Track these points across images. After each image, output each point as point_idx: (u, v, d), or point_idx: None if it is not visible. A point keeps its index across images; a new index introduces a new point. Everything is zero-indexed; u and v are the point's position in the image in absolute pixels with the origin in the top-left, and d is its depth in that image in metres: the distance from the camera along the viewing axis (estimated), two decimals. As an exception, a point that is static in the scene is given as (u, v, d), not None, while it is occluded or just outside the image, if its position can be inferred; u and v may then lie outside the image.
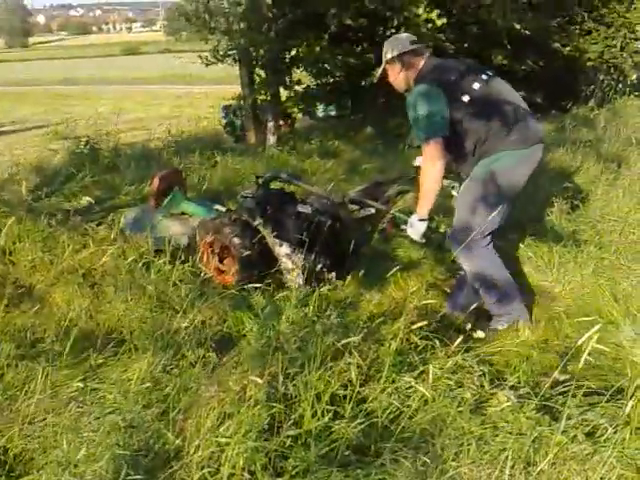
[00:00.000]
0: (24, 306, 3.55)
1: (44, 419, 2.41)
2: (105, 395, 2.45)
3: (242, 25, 7.76)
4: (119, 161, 6.55)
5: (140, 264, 3.56)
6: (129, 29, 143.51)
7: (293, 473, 2.03)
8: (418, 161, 3.71)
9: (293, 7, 7.95)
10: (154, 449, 2.06)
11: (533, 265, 3.94)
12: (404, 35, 3.49)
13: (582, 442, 1.98)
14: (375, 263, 3.95)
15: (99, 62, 46.18)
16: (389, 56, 3.33)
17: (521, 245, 4.08)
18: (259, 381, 2.11)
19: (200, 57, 8.25)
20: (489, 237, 3.25)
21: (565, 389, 2.35)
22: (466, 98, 3.11)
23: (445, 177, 3.35)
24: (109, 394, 2.45)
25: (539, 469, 1.90)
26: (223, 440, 1.99)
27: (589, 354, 2.01)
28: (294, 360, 2.35)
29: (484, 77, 3.20)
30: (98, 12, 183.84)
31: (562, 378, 2.28)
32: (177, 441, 2.07)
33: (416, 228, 3.24)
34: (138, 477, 1.87)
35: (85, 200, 3.78)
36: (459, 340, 2.28)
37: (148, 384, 2.38)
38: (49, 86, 29.04)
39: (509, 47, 7.68)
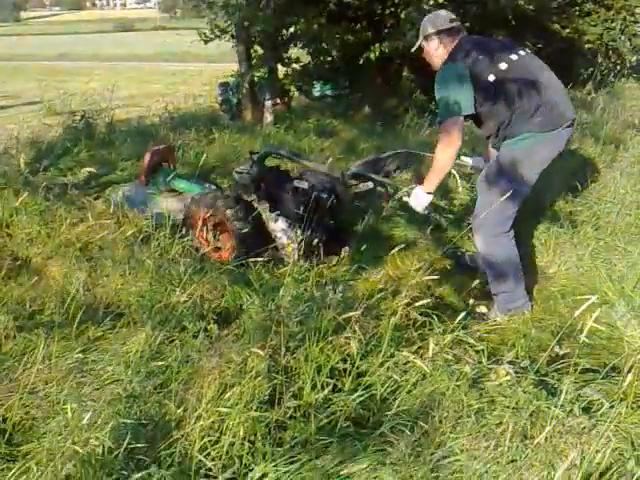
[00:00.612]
0: (21, 278, 3.55)
1: (43, 389, 2.42)
2: (105, 366, 2.46)
3: (240, 0, 7.66)
4: (114, 136, 6.50)
5: (139, 239, 3.54)
6: (123, 5, 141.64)
7: (292, 444, 2.05)
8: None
9: (292, -17, 7.87)
10: (155, 419, 2.08)
11: (529, 245, 3.95)
12: (443, 12, 3.50)
13: (579, 416, 2.00)
14: (371, 241, 3.95)
15: (92, 38, 45.60)
16: (428, 32, 3.35)
17: (518, 224, 4.10)
18: (261, 353, 2.13)
19: (198, 33, 8.15)
20: (509, 222, 3.26)
21: (561, 366, 2.38)
22: (492, 78, 3.12)
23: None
24: (109, 365, 2.47)
25: (536, 442, 1.92)
26: (224, 410, 2.01)
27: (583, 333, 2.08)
28: (295, 333, 2.36)
29: (513, 57, 3.19)
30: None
31: (561, 353, 2.30)
32: (178, 411, 2.09)
33: (420, 200, 3.28)
34: (140, 445, 1.89)
35: (85, 171, 3.75)
36: (460, 317, 2.29)
37: (148, 355, 2.38)
38: (41, 62, 28.72)
39: (511, 25, 7.60)
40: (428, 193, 3.24)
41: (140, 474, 1.78)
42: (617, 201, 4.29)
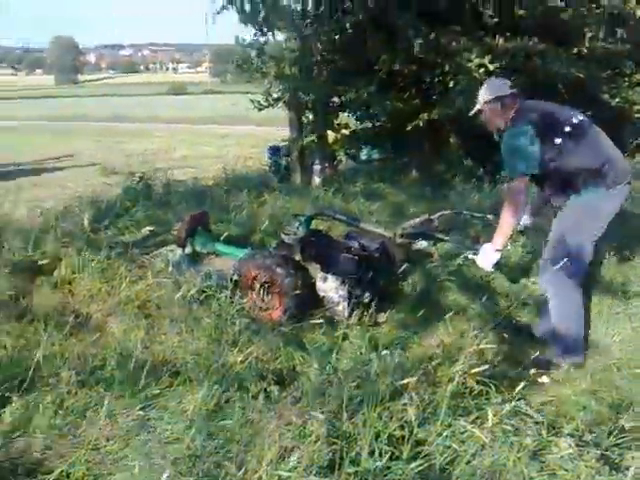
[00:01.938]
0: (82, 335, 3.66)
1: (105, 446, 2.48)
2: (165, 425, 2.51)
3: (293, 70, 7.99)
4: (171, 197, 6.73)
5: (197, 298, 3.64)
6: (175, 69, 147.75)
7: (352, 511, 2.05)
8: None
9: (343, 53, 8.18)
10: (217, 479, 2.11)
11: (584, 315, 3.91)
12: (501, 79, 3.86)
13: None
14: (423, 304, 3.98)
15: (146, 100, 47.54)
16: (491, 97, 3.64)
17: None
18: (320, 417, 2.15)
19: (252, 101, 8.49)
20: (577, 271, 3.51)
21: (623, 440, 2.35)
22: (558, 140, 3.40)
23: None
24: (168, 424, 2.51)
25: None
26: (284, 474, 2.03)
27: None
28: (353, 398, 2.38)
29: (574, 120, 3.47)
30: (146, 52, 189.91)
31: (627, 426, 2.26)
32: (239, 474, 2.11)
33: (489, 257, 3.44)
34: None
35: (146, 230, 3.93)
36: (520, 387, 2.29)
37: (206, 414, 2.43)
38: (98, 122, 30.06)
39: (561, 94, 7.70)
40: (497, 250, 3.41)
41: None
42: (673, 273, 4.24)
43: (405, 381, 2.36)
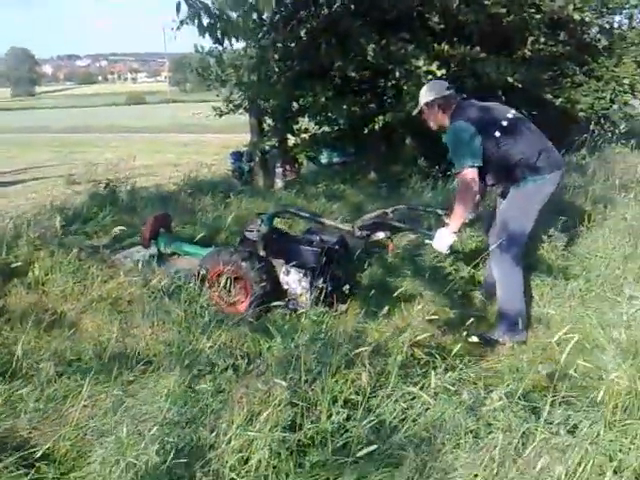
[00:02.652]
0: (57, 332, 3.86)
1: (86, 424, 2.71)
2: (142, 403, 2.74)
3: (252, 77, 8.25)
4: (136, 203, 6.93)
5: (166, 293, 3.87)
6: (134, 79, 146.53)
7: (312, 465, 2.32)
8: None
9: (300, 60, 8.47)
10: (191, 443, 2.36)
11: (527, 295, 4.26)
12: (440, 81, 4.28)
13: (563, 435, 2.27)
14: (378, 292, 4.26)
15: (105, 111, 47.21)
16: (429, 99, 3.97)
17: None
18: (283, 384, 2.42)
19: (213, 108, 8.73)
20: (518, 249, 3.89)
21: (553, 399, 2.66)
22: (497, 133, 3.78)
23: None
24: (145, 403, 2.74)
25: (525, 457, 2.19)
26: (252, 434, 2.29)
27: (573, 381, 2.46)
28: (312, 367, 2.66)
29: (509, 115, 3.87)
30: (104, 62, 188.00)
31: (545, 371, 2.58)
32: (211, 436, 2.37)
33: (444, 240, 3.77)
34: (180, 461, 2.17)
35: (117, 230, 4.15)
36: (457, 348, 2.60)
37: (181, 390, 2.68)
38: (56, 134, 29.80)
39: (503, 98, 8.12)
40: (452, 233, 3.76)
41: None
42: (606, 255, 4.63)
43: (358, 350, 2.65)
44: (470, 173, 3.75)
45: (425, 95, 4.01)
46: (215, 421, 2.43)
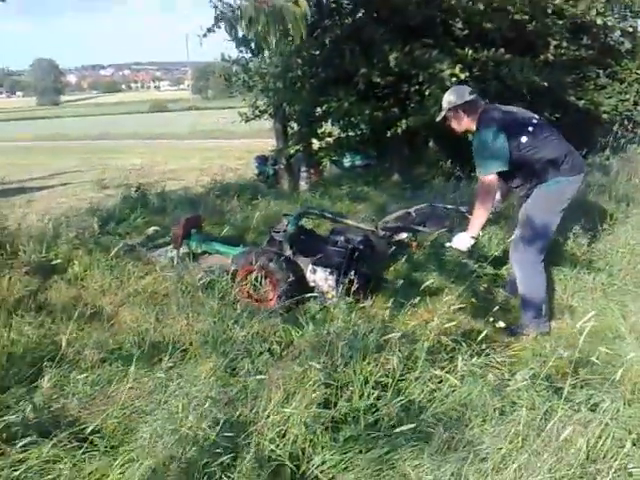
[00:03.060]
0: (96, 324, 4.05)
1: (132, 404, 2.88)
2: (184, 384, 2.90)
3: (278, 84, 8.46)
4: (166, 205, 7.14)
5: (200, 287, 4.05)
6: (157, 87, 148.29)
7: (345, 439, 2.47)
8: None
9: (324, 67, 8.66)
10: (232, 419, 2.52)
11: (552, 288, 4.38)
12: (462, 86, 4.34)
13: (584, 412, 2.39)
14: (404, 288, 4.39)
15: (129, 118, 47.91)
16: (452, 104, 4.08)
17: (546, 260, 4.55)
18: (317, 366, 2.57)
19: (239, 114, 8.96)
20: (541, 246, 3.98)
21: (576, 382, 2.78)
22: (524, 139, 3.88)
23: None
24: (187, 383, 2.90)
25: (547, 431, 2.32)
26: (289, 411, 2.44)
27: (595, 368, 2.59)
28: (344, 352, 2.81)
29: (534, 120, 3.99)
30: (127, 71, 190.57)
31: (566, 354, 2.70)
32: (250, 413, 2.53)
33: (464, 241, 3.97)
34: (228, 434, 2.33)
35: (152, 229, 4.34)
36: (482, 335, 2.73)
37: (222, 374, 2.84)
38: (83, 141, 30.39)
39: (528, 99, 8.22)
40: (472, 237, 3.94)
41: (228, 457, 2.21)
42: (628, 251, 4.73)
43: (388, 336, 2.79)
44: (489, 179, 3.89)
45: (448, 101, 4.11)
46: (254, 400, 2.58)
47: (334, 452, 2.37)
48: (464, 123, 4.13)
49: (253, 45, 7.57)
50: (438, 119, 4.26)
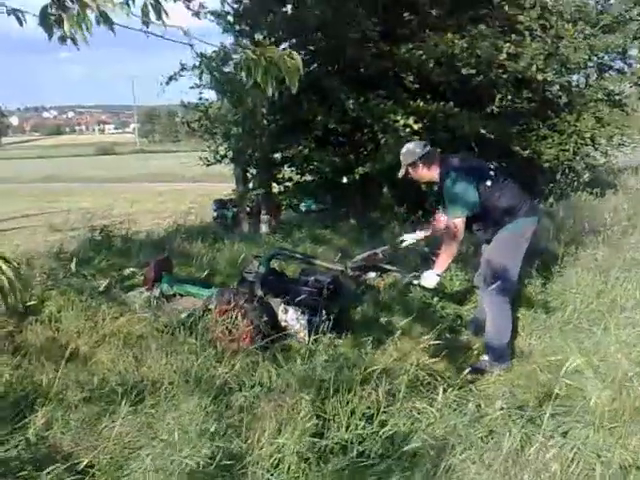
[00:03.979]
0: (73, 365, 4.07)
1: (123, 440, 2.94)
2: (171, 420, 2.98)
3: (238, 129, 8.70)
4: (129, 247, 7.18)
5: (179, 327, 4.14)
6: (102, 131, 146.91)
7: (336, 469, 2.60)
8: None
9: (283, 115, 8.96)
10: (226, 450, 2.62)
11: (512, 327, 4.61)
12: (416, 141, 4.65)
13: (557, 438, 2.60)
14: (371, 327, 4.59)
15: (75, 161, 47.32)
16: (411, 160, 4.32)
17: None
18: (307, 397, 2.71)
19: (200, 158, 9.14)
20: (510, 287, 4.27)
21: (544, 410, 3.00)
22: (489, 183, 4.17)
23: None
24: (173, 420, 2.99)
25: (525, 458, 2.51)
26: (282, 441, 2.57)
27: (559, 399, 2.83)
28: (330, 385, 2.96)
29: (492, 167, 4.31)
30: (71, 114, 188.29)
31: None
32: (245, 445, 2.64)
33: (431, 279, 4.19)
34: (228, 462, 2.44)
35: (128, 271, 4.43)
36: (464, 374, 2.93)
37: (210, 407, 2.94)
38: (29, 184, 29.82)
39: (476, 149, 8.70)
40: (439, 275, 4.19)
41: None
42: (579, 291, 5.05)
43: (372, 369, 2.96)
44: (458, 222, 4.14)
45: (406, 157, 4.35)
46: (248, 431, 2.69)
47: (326, 481, 2.50)
48: (425, 174, 4.38)
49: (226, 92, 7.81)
50: (400, 175, 4.49)
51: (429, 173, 4.36)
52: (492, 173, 4.23)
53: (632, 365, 3.48)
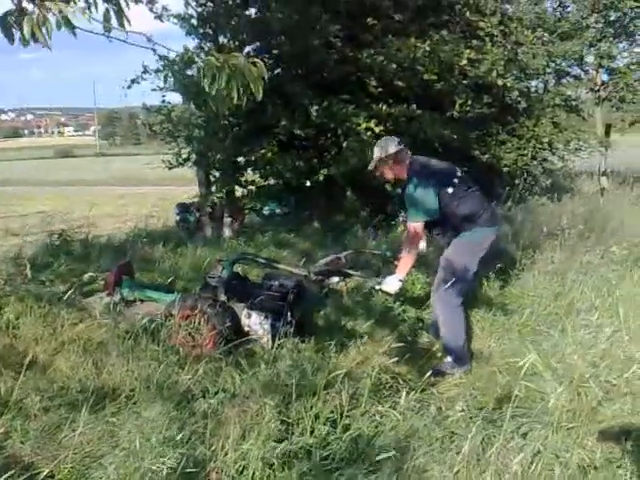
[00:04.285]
0: (32, 373, 3.99)
1: (83, 449, 2.90)
2: (132, 428, 2.95)
3: (202, 133, 8.65)
4: (89, 252, 7.08)
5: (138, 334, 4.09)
6: (61, 133, 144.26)
7: (301, 473, 2.60)
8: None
9: (246, 118, 8.93)
10: (191, 458, 2.60)
11: (470, 330, 4.70)
12: (391, 137, 4.55)
13: (517, 439, 2.66)
14: (334, 332, 4.60)
15: (34, 164, 46.35)
16: (383, 154, 4.33)
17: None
18: (271, 402, 2.72)
19: (163, 161, 9.05)
20: (461, 291, 4.25)
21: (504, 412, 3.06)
22: (450, 190, 4.18)
23: None
24: (135, 427, 2.95)
25: (486, 459, 2.56)
26: (246, 447, 2.57)
27: (518, 401, 2.88)
28: (294, 389, 2.96)
29: (458, 174, 4.30)
30: (30, 116, 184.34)
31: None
32: (208, 452, 2.62)
33: (393, 285, 4.20)
34: (193, 470, 2.42)
35: (87, 276, 4.36)
36: (426, 377, 2.97)
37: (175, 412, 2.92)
38: (-15, 188, 29.08)
39: (439, 153, 8.81)
40: (400, 280, 4.21)
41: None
42: (537, 294, 5.15)
43: (335, 373, 2.98)
44: (417, 226, 4.20)
45: (379, 151, 4.38)
46: (212, 437, 2.68)
47: (291, 487, 2.51)
48: (394, 172, 4.40)
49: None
50: (369, 168, 4.52)
51: (396, 172, 4.39)
52: (455, 180, 4.24)
53: (588, 367, 3.56)
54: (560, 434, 2.76)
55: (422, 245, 4.72)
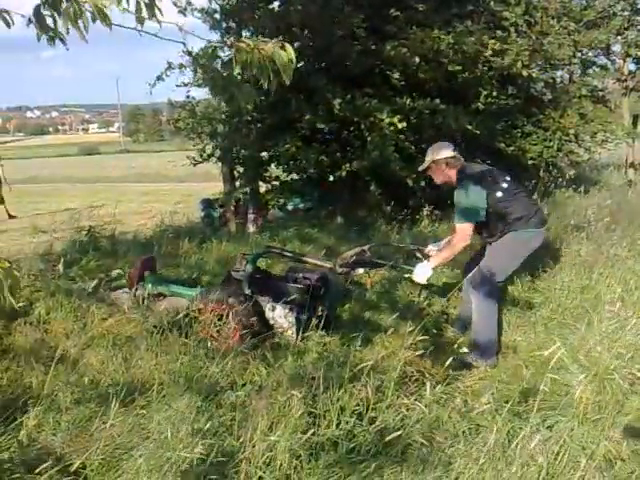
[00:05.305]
0: (62, 367, 4.08)
1: (114, 441, 2.96)
2: (162, 419, 3.00)
3: (225, 128, 8.71)
4: (117, 247, 7.19)
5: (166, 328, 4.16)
6: (85, 130, 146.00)
7: (327, 464, 2.64)
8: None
9: (270, 113, 8.97)
10: (219, 449, 2.65)
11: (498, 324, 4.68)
12: (446, 142, 4.69)
13: (543, 431, 2.66)
14: (360, 325, 4.63)
15: (59, 161, 46.95)
16: (437, 157, 4.48)
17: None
18: (299, 395, 2.75)
19: (187, 157, 9.13)
20: (499, 286, 4.45)
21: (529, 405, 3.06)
22: (499, 194, 4.31)
23: None
24: (165, 420, 3.01)
25: (512, 452, 2.56)
26: (274, 439, 2.60)
27: (544, 394, 2.87)
28: (321, 382, 3.00)
29: (507, 178, 4.42)
30: (55, 114, 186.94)
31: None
32: (237, 443, 2.67)
33: (424, 272, 4.31)
34: (221, 460, 2.47)
35: (116, 272, 4.43)
36: (447, 362, 2.98)
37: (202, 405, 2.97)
38: (12, 184, 29.50)
39: (462, 147, 8.75)
40: (433, 269, 4.32)
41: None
42: (564, 287, 5.12)
43: (361, 366, 3.00)
44: (468, 229, 4.30)
45: (433, 153, 4.52)
46: (240, 429, 2.72)
47: (317, 477, 2.54)
48: (444, 176, 4.53)
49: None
50: (421, 169, 4.67)
51: (447, 176, 4.51)
52: (505, 185, 4.36)
53: (614, 359, 3.54)
54: (586, 426, 2.76)
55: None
